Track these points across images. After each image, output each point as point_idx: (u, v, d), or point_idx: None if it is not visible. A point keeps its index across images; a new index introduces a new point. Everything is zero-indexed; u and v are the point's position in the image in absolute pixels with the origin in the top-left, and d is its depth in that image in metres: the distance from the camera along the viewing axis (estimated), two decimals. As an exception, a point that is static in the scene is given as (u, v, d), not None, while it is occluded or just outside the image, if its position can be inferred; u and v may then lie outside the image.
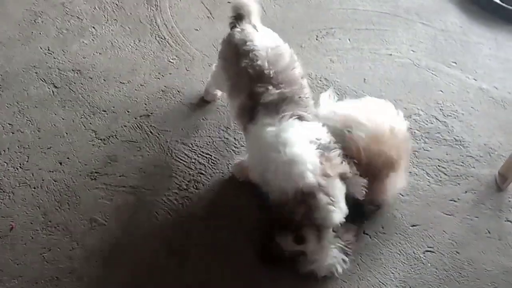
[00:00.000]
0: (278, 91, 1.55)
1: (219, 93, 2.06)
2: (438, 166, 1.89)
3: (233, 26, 1.76)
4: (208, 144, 1.95)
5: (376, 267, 1.64)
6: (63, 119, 2.02)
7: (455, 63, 2.25)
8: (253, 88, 1.57)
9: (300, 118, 1.55)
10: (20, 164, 1.87)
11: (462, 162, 1.91)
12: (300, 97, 1.58)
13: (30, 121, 2.01)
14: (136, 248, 1.68)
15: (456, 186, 1.84)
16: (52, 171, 1.87)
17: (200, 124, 2.01)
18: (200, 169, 1.88)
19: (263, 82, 1.57)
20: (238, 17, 1.75)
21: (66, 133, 1.98)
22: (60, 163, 1.89)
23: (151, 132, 1.98)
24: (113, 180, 1.84)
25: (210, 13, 2.43)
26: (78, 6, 2.45)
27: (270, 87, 1.55)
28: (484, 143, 1.97)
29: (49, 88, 2.11)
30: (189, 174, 1.86)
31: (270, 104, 1.55)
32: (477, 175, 1.87)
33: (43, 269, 1.63)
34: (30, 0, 2.46)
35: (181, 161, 1.90)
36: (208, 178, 1.85)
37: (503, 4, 2.45)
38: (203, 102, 2.07)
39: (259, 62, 1.58)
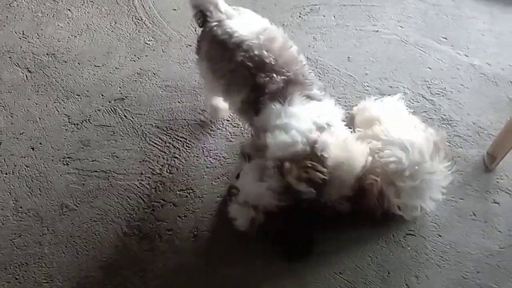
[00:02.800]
0: (282, 77, 1.47)
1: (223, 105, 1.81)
2: (423, 146, 1.81)
3: (203, 22, 1.61)
4: (183, 128, 1.89)
5: (353, 250, 1.56)
6: (36, 104, 1.98)
7: (446, 38, 2.13)
8: (256, 80, 1.48)
9: (309, 97, 1.48)
10: (-8, 150, 1.85)
11: (449, 142, 1.80)
12: (303, 75, 1.50)
13: (3, 106, 1.97)
14: (107, 232, 1.63)
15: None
16: (24, 157, 1.83)
17: (176, 107, 1.95)
18: (175, 153, 1.82)
19: (265, 72, 1.47)
20: (203, 12, 1.59)
21: (39, 118, 1.93)
22: (33, 149, 1.85)
23: (125, 116, 1.92)
24: (85, 165, 1.80)
25: (189, -8, 2.35)
26: (55, -12, 2.40)
27: (274, 75, 1.46)
28: (473, 122, 1.86)
29: (23, 73, 2.07)
30: (163, 158, 1.81)
31: (275, 92, 1.46)
32: (464, 155, 1.78)
33: (12, 255, 1.60)
34: (6, -16, 2.42)
35: (155, 145, 1.84)
36: (182, 162, 1.79)
37: (500, -24, 2.32)
38: (176, 86, 1.99)
39: (256, 52, 1.48)
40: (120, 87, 2.01)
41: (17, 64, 2.09)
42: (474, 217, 1.64)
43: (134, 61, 2.10)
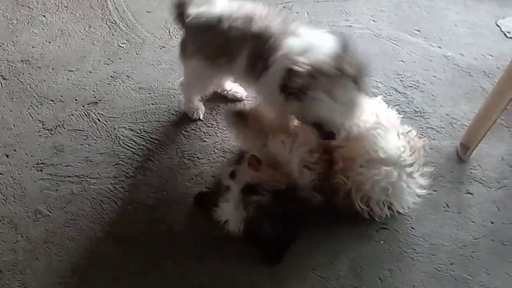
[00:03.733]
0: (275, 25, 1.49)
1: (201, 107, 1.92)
2: (396, 139, 1.80)
3: (183, 22, 1.63)
4: (157, 129, 1.88)
5: (327, 246, 1.56)
6: (10, 111, 1.97)
7: (419, 31, 2.12)
8: (252, 31, 1.49)
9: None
10: (-34, 158, 1.85)
11: (422, 135, 1.78)
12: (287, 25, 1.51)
13: (-23, 114, 1.97)
14: (81, 237, 1.63)
15: (414, 160, 1.75)
16: (-1, 164, 1.84)
17: (150, 109, 1.94)
18: (148, 155, 1.81)
19: (257, 21, 1.50)
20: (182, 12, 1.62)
21: (14, 125, 1.93)
22: (7, 156, 1.84)
23: (98, 120, 1.92)
24: (59, 171, 1.79)
25: (163, -7, 2.35)
26: (29, -6, 2.39)
27: (267, 23, 1.49)
28: (446, 113, 1.86)
29: (-3, 80, 2.07)
30: (137, 161, 1.80)
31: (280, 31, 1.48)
32: (437, 147, 1.77)
33: (-14, 263, 1.60)
34: (-20, -8, 2.42)
35: (128, 148, 1.84)
36: (156, 164, 1.79)
37: (473, -34, 2.32)
38: (150, 88, 1.99)
39: (241, 13, 1.52)
40: (93, 91, 2.01)
41: (-9, 72, 2.09)
42: (448, 209, 1.64)
43: (108, 64, 2.09)
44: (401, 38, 2.10)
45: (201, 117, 1.91)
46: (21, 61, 2.12)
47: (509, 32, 2.10)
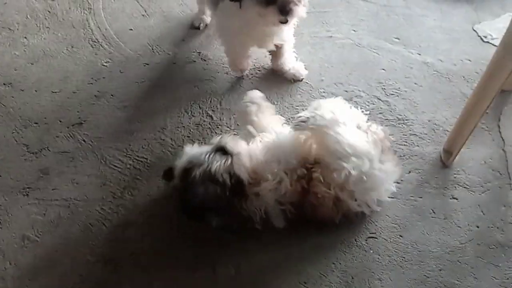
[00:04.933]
0: None
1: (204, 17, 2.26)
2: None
3: None
4: (143, 148, 1.88)
5: (316, 257, 1.57)
6: (-6, 135, 1.97)
7: (398, 39, 2.16)
8: None
9: None
10: (-50, 186, 1.83)
11: (405, 142, 1.83)
12: None
13: (-40, 140, 1.95)
14: (70, 261, 1.61)
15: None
16: (-16, 191, 1.82)
17: (135, 127, 1.94)
18: (136, 174, 1.81)
19: None
20: None
21: (-2, 150, 1.93)
22: (-8, 182, 1.84)
23: (84, 141, 1.91)
24: (45, 194, 1.78)
25: (145, 11, 2.36)
26: (10, 17, 2.38)
27: None
28: (428, 119, 1.89)
29: (-20, 105, 2.06)
30: (124, 180, 1.80)
31: None
32: (421, 153, 1.80)
33: (-26, 293, 1.58)
34: (-40, 15, 2.40)
35: (115, 168, 1.83)
36: (144, 183, 1.78)
37: (448, -28, 2.37)
38: (135, 106, 2.00)
39: None
40: (78, 112, 2.00)
41: (-26, 96, 2.07)
42: (434, 215, 1.66)
43: (92, 84, 2.09)
44: (381, 46, 2.13)
45: (197, 26, 2.27)
46: (4, 84, 2.11)
47: (485, 37, 2.15)
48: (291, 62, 2.03)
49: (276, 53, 1.99)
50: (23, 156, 1.89)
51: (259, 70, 2.10)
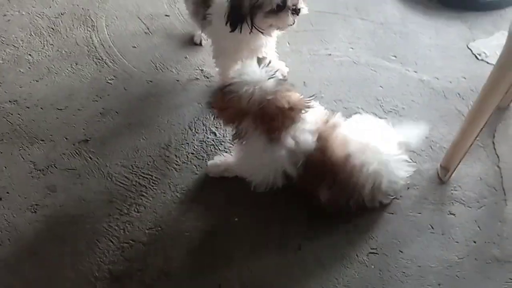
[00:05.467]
0: None
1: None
2: (380, 164, 1.89)
3: None
4: (148, 164, 1.92)
5: (318, 273, 1.62)
6: (1, 153, 1.98)
7: (395, 56, 2.23)
8: None
9: None
10: (-42, 204, 1.85)
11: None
12: None
13: (-34, 158, 1.98)
14: (77, 278, 1.64)
15: (398, 183, 1.83)
16: (-9, 208, 1.85)
17: (140, 144, 1.98)
18: (141, 191, 1.85)
19: None
20: None
21: (5, 167, 1.94)
22: (0, 199, 1.86)
23: (90, 158, 1.95)
24: (53, 211, 1.81)
25: (148, 28, 2.40)
26: (14, 34, 2.41)
27: None
28: (426, 136, 1.95)
29: (-14, 123, 2.09)
30: (130, 197, 1.83)
31: None
32: (419, 170, 1.86)
33: (-18, 309, 1.61)
34: (-36, 32, 2.44)
35: (121, 184, 1.87)
36: (150, 200, 1.82)
37: (442, -9, 2.45)
38: (139, 123, 2.04)
39: None
40: (83, 129, 2.04)
41: (-20, 114, 2.10)
42: (432, 230, 1.72)
43: (97, 101, 2.13)
44: (379, 64, 2.19)
45: (198, 43, 2.34)
46: (9, 101, 2.14)
47: (479, 55, 2.22)
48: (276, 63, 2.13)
49: None
50: (30, 173, 1.92)
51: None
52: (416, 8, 2.43)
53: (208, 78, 2.21)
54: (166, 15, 2.44)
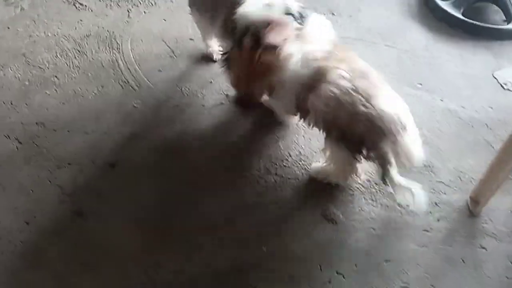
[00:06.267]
0: None
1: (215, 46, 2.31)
2: (409, 195, 1.88)
3: None
4: (176, 188, 1.92)
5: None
6: (28, 175, 1.98)
7: (421, 84, 2.23)
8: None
9: None
10: (-14, 228, 1.85)
11: (433, 189, 1.88)
12: None
13: (-6, 180, 1.99)
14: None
15: (428, 215, 1.81)
16: (19, 232, 1.83)
17: (168, 168, 1.97)
18: (169, 214, 1.84)
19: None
20: None
21: (32, 191, 1.94)
22: (27, 223, 1.85)
23: (117, 183, 1.95)
24: (80, 236, 1.80)
25: (173, 52, 2.42)
26: (40, 55, 2.43)
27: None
28: (454, 167, 1.95)
29: (13, 144, 2.08)
30: (157, 221, 1.81)
31: None
32: (448, 201, 1.85)
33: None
34: (-9, 53, 2.46)
35: (149, 212, 1.86)
36: (177, 225, 1.80)
37: (466, 19, 2.45)
38: (165, 149, 2.04)
39: None
40: (110, 153, 2.04)
41: (7, 135, 2.10)
42: (464, 264, 1.70)
43: (123, 125, 2.13)
44: (405, 91, 2.18)
45: (214, 58, 2.34)
46: (36, 123, 2.15)
47: (505, 84, 2.22)
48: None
49: None
50: (57, 198, 1.92)
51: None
52: (441, 36, 2.44)
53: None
54: (191, 39, 2.45)
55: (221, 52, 2.17)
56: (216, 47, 2.31)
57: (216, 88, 2.26)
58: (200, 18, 2.11)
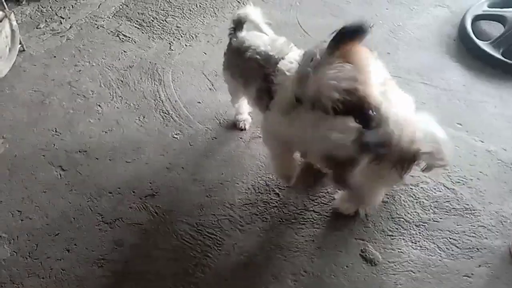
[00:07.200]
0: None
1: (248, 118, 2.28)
2: (449, 238, 1.84)
3: (231, 38, 1.98)
4: (213, 224, 1.94)
5: None
6: (70, 203, 2.05)
7: (461, 124, 2.21)
8: (265, 71, 1.74)
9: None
10: (29, 253, 1.89)
11: (474, 233, 1.85)
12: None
13: (38, 207, 2.04)
14: None
15: (469, 260, 1.77)
16: (60, 259, 1.87)
17: (205, 202, 2.01)
18: (206, 251, 1.86)
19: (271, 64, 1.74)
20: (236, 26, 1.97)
21: (73, 218, 1.99)
22: (68, 251, 1.90)
23: (156, 213, 1.98)
24: (119, 267, 1.84)
25: (212, 85, 2.48)
26: (84, 84, 2.53)
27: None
28: (496, 210, 1.91)
29: (57, 172, 2.15)
30: (195, 257, 1.84)
31: None
32: (490, 246, 1.81)
33: None
34: (38, 81, 2.56)
35: (186, 243, 1.89)
36: (214, 261, 1.83)
37: (506, 59, 2.44)
38: (204, 180, 2.07)
39: (262, 48, 1.80)
40: (150, 183, 2.08)
41: (51, 162, 2.18)
42: (507, 313, 1.66)
43: (163, 155, 2.18)
44: (445, 131, 2.17)
45: (245, 127, 2.27)
46: (79, 151, 2.22)
47: (547, 127, 2.19)
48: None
49: None
50: (97, 226, 1.96)
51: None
52: (480, 76, 2.43)
53: (271, 137, 2.25)
54: (229, 72, 2.51)
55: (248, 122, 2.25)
56: (246, 115, 2.27)
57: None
58: (231, 81, 2.05)
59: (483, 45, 2.50)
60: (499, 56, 2.45)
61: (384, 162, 1.57)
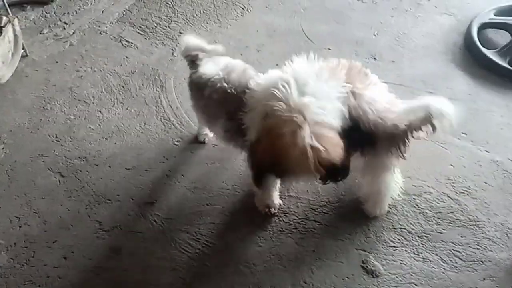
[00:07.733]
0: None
1: (209, 133, 2.21)
2: (453, 250, 1.79)
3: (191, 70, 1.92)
4: (212, 232, 1.91)
5: None
6: (68, 210, 2.03)
7: (466, 134, 2.17)
8: (226, 109, 1.70)
9: None
10: (26, 260, 1.87)
11: (478, 245, 1.80)
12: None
13: (36, 213, 2.02)
14: None
15: (473, 273, 1.73)
16: (57, 267, 1.85)
17: (205, 210, 1.98)
18: (204, 260, 1.83)
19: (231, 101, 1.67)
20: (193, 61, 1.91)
21: (71, 225, 1.97)
22: (65, 258, 1.87)
23: (155, 221, 1.96)
24: (116, 275, 1.81)
25: (214, 92, 2.46)
26: (86, 90, 2.52)
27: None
28: (501, 222, 1.87)
29: (56, 178, 2.14)
30: (194, 266, 1.82)
31: None
32: (494, 259, 1.77)
33: None
34: (40, 86, 2.56)
35: (185, 252, 1.86)
36: (213, 270, 1.80)
37: (512, 68, 2.40)
38: (204, 188, 2.04)
39: (219, 85, 1.71)
40: (149, 190, 2.06)
41: (50, 168, 2.16)
42: (512, 329, 1.61)
43: (163, 162, 2.16)
44: (449, 141, 2.13)
45: (205, 141, 2.22)
46: (79, 157, 2.21)
47: (554, 136, 2.14)
48: None
49: None
50: (95, 234, 1.94)
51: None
52: (485, 84, 2.39)
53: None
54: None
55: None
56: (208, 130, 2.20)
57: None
58: (197, 113, 2.05)
59: (490, 53, 2.46)
60: (505, 65, 2.40)
61: (377, 151, 1.65)
